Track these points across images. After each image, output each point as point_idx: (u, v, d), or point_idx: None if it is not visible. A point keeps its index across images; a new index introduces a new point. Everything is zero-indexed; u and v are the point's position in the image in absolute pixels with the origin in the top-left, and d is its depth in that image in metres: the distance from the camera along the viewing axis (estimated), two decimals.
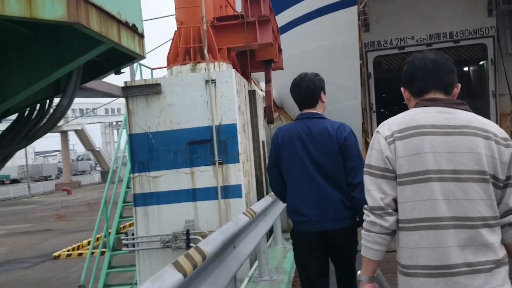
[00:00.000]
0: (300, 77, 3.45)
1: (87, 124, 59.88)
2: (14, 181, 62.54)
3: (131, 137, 7.57)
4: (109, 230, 8.76)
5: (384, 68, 21.64)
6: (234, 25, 8.06)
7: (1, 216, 29.45)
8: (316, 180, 3.21)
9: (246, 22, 7.94)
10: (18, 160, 61.16)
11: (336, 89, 17.72)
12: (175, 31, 7.96)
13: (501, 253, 1.90)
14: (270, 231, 8.03)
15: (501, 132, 1.95)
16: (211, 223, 7.42)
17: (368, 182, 2.02)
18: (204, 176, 7.47)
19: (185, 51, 7.82)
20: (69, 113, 55.25)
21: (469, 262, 1.83)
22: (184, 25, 7.86)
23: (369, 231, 2.03)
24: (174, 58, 7.89)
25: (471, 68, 25.68)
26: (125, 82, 7.58)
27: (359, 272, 2.14)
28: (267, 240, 7.74)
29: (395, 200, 1.97)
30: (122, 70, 5.37)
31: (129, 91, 7.49)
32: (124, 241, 7.68)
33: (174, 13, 8.06)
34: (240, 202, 7.44)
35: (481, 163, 1.86)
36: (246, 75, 10.25)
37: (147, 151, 7.53)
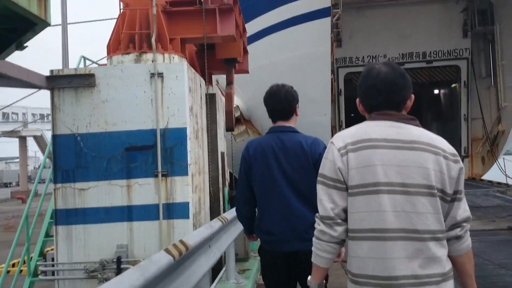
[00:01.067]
0: (277, 87, 3.32)
1: (48, 130, 56.93)
2: None
3: (55, 139, 6.05)
4: (31, 254, 7.12)
5: (355, 85, 20.70)
6: (190, 12, 6.70)
7: None
8: (287, 197, 3.10)
9: (205, 9, 6.60)
10: None
11: (306, 103, 16.48)
12: (119, 15, 6.54)
13: (447, 266, 1.94)
14: (219, 267, 6.57)
15: (449, 148, 1.99)
16: (148, 249, 5.93)
17: (321, 191, 2.03)
18: (144, 191, 6.00)
19: (129, 38, 6.39)
20: (29, 117, 52.54)
21: (416, 275, 1.86)
22: (129, 7, 6.44)
23: (319, 239, 2.04)
24: (115, 46, 6.45)
25: (443, 90, 25.05)
26: (51, 71, 6.08)
27: (309, 277, 2.15)
28: (216, 276, 6.30)
29: (344, 211, 1.99)
30: (25, 44, 3.92)
31: (55, 82, 5.99)
32: (41, 267, 6.10)
33: None
34: (186, 224, 6.00)
35: (429, 177, 1.90)
36: (206, 77, 8.90)
37: (74, 156, 6.01)
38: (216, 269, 6.67)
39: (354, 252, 1.98)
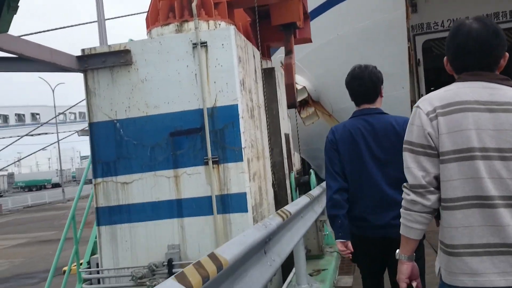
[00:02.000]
0: (360, 69, 3.06)
1: None
2: (56, 185, 62.00)
3: (92, 127, 5.29)
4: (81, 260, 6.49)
5: (436, 54, 18.75)
6: None
7: (29, 222, 28.15)
8: (379, 182, 2.96)
9: None
10: (64, 164, 60.57)
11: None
12: None
13: None
14: (290, 266, 5.55)
15: None
16: (204, 249, 5.04)
17: (409, 159, 1.92)
18: (194, 181, 5.11)
19: (168, 6, 5.49)
20: None
21: None
22: None
23: (410, 210, 1.93)
24: (153, 18, 5.58)
25: None
26: (83, 50, 5.31)
27: (397, 251, 2.07)
28: (286, 278, 5.30)
29: (437, 178, 1.87)
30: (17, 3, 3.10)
31: (87, 62, 5.22)
32: (84, 275, 5.41)
33: None
34: (245, 218, 5.05)
35: None
36: (261, 49, 7.86)
37: (114, 146, 5.23)
38: (286, 268, 5.68)
39: (446, 222, 1.86)
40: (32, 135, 30.56)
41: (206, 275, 1.87)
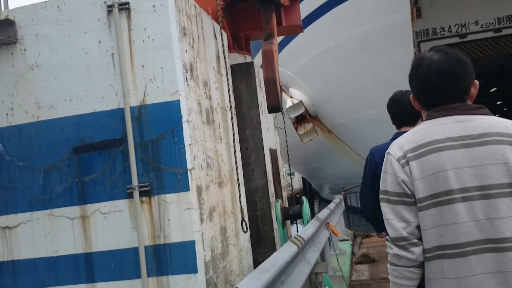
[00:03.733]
0: (400, 93, 3.04)
1: None
2: None
3: None
4: None
5: None
6: None
7: None
8: None
9: None
10: None
11: (383, 86, 13.12)
12: None
13: None
14: None
15: None
16: None
17: (386, 210, 1.77)
18: (111, 225, 3.13)
19: None
20: None
21: None
22: None
23: (395, 265, 1.76)
24: None
25: None
26: None
27: None
28: None
29: (419, 228, 1.71)
30: None
31: None
32: None
33: None
34: (193, 282, 3.03)
35: (511, 173, 1.63)
36: (241, 45, 5.97)
37: None
38: None
39: (432, 273, 1.71)
40: None
41: None
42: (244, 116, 5.43)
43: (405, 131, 2.61)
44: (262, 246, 5.45)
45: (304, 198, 5.81)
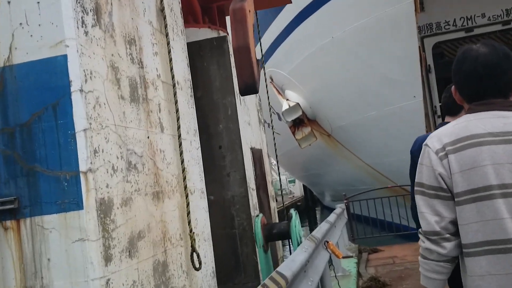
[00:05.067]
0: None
1: None
2: None
3: None
4: None
5: (448, 58, 15.55)
6: None
7: None
8: None
9: None
10: None
11: (385, 85, 11.78)
12: None
13: None
14: None
15: None
16: None
17: (421, 203, 1.73)
18: None
19: None
20: None
21: None
22: None
23: (426, 258, 1.75)
24: None
25: None
26: None
27: None
28: None
29: (453, 223, 1.69)
30: None
31: None
32: None
33: None
34: None
35: None
36: (213, 18, 4.67)
37: None
38: None
39: (470, 270, 1.67)
40: None
41: None
42: (216, 105, 4.16)
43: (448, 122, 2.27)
44: (241, 275, 4.12)
45: (293, 212, 4.47)
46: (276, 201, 7.47)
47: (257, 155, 4.67)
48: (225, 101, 4.12)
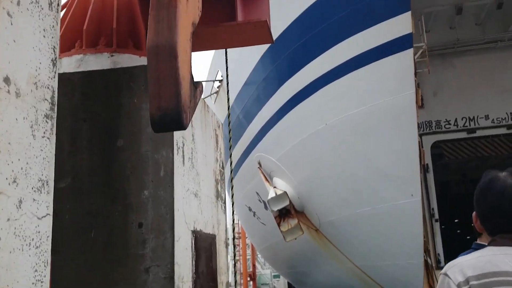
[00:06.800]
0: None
1: None
2: None
3: None
4: None
5: (448, 159, 14.46)
6: None
7: None
8: None
9: None
10: None
11: (381, 180, 10.41)
12: None
13: None
14: None
15: None
16: None
17: None
18: None
19: None
20: None
21: None
22: None
23: None
24: None
25: None
26: None
27: None
28: None
29: None
30: None
31: None
32: None
33: None
34: None
35: None
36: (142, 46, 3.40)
37: None
38: None
39: None
40: None
41: None
42: (143, 161, 2.77)
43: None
44: None
45: None
46: None
47: (204, 244, 3.20)
48: (157, 156, 2.77)
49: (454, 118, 13.27)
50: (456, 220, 18.94)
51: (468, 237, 17.38)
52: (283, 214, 13.61)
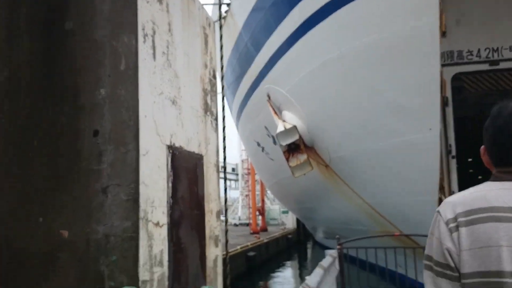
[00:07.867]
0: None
1: None
2: None
3: None
4: None
5: (468, 92, 13.57)
6: None
7: None
8: None
9: None
10: None
11: (396, 112, 9.60)
12: None
13: None
14: None
15: None
16: None
17: (427, 279, 1.47)
18: None
19: None
20: None
21: None
22: None
23: None
24: None
25: None
26: None
27: None
28: None
29: None
30: None
31: None
32: None
33: None
34: None
35: None
36: None
37: None
38: None
39: None
40: None
41: None
42: (97, 49, 2.08)
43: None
44: None
45: None
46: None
47: (186, 164, 2.56)
48: (116, 43, 2.06)
49: (477, 49, 12.23)
50: (469, 159, 18.29)
51: (479, 177, 16.79)
52: (292, 149, 12.99)
